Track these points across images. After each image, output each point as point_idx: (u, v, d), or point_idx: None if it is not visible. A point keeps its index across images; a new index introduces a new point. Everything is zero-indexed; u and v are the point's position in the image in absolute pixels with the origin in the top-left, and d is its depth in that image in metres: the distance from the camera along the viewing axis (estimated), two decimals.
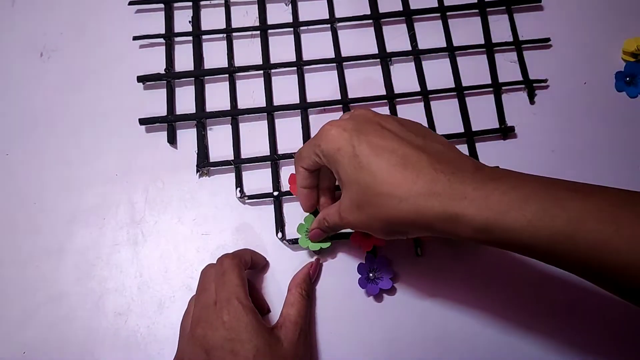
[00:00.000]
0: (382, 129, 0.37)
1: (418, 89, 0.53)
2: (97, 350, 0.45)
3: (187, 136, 0.51)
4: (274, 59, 0.54)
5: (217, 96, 0.53)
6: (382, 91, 0.53)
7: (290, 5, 0.56)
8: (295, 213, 0.48)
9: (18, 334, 0.45)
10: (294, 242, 0.47)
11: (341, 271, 0.47)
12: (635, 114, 0.53)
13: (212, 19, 0.56)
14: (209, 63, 0.54)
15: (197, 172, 0.50)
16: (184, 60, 0.54)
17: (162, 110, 0.52)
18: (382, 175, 0.34)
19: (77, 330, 0.45)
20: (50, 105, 0.52)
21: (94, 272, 0.47)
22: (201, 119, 0.51)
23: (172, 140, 0.51)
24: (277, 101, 0.53)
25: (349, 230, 0.46)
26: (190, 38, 0.55)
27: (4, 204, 0.49)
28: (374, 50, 0.55)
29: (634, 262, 0.29)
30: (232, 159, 0.50)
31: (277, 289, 0.46)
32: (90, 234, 0.48)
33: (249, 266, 0.44)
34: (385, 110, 0.52)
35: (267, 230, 0.48)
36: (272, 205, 0.49)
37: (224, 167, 0.50)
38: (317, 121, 0.52)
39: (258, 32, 0.55)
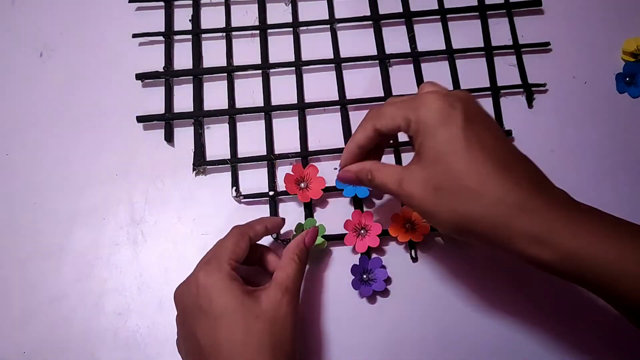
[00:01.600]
0: (492, 126, 0.35)
1: (416, 90, 0.53)
2: (97, 350, 0.45)
3: (187, 135, 0.52)
4: (272, 59, 0.54)
5: (215, 95, 0.53)
6: (381, 92, 0.53)
7: (290, 5, 0.56)
8: (292, 213, 0.49)
9: (18, 334, 0.46)
10: (287, 243, 0.47)
11: (335, 272, 0.47)
12: (638, 114, 0.53)
13: (212, 17, 0.56)
14: (208, 62, 0.54)
15: (193, 170, 0.50)
16: (183, 58, 0.54)
17: (160, 109, 0.52)
18: (479, 171, 0.33)
19: (77, 330, 0.46)
20: (50, 105, 0.52)
21: (93, 272, 0.47)
22: (199, 117, 0.51)
23: (169, 138, 0.51)
24: (275, 101, 0.53)
25: (343, 231, 0.46)
26: (190, 36, 0.55)
27: (4, 204, 0.49)
28: (373, 51, 0.54)
29: None
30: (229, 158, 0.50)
31: None
32: (90, 234, 0.48)
33: (259, 238, 0.44)
34: None
35: None
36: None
37: (223, 166, 0.50)
38: (315, 121, 0.52)
39: (258, 31, 0.55)
